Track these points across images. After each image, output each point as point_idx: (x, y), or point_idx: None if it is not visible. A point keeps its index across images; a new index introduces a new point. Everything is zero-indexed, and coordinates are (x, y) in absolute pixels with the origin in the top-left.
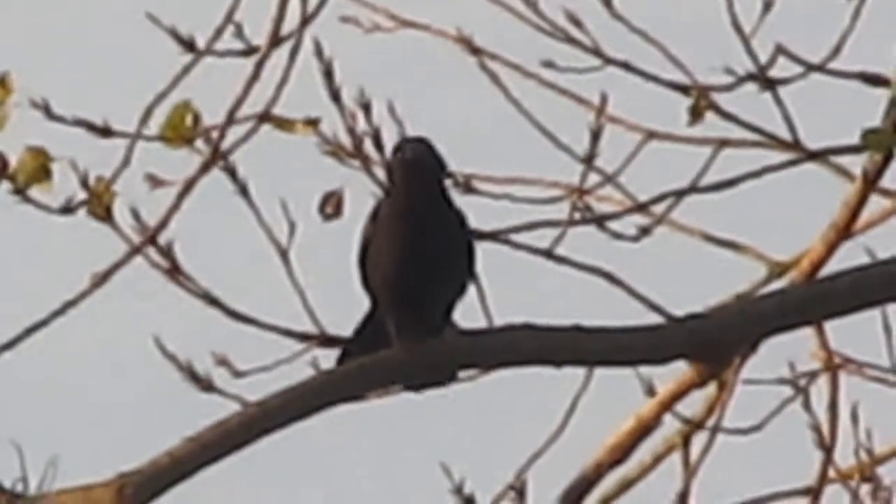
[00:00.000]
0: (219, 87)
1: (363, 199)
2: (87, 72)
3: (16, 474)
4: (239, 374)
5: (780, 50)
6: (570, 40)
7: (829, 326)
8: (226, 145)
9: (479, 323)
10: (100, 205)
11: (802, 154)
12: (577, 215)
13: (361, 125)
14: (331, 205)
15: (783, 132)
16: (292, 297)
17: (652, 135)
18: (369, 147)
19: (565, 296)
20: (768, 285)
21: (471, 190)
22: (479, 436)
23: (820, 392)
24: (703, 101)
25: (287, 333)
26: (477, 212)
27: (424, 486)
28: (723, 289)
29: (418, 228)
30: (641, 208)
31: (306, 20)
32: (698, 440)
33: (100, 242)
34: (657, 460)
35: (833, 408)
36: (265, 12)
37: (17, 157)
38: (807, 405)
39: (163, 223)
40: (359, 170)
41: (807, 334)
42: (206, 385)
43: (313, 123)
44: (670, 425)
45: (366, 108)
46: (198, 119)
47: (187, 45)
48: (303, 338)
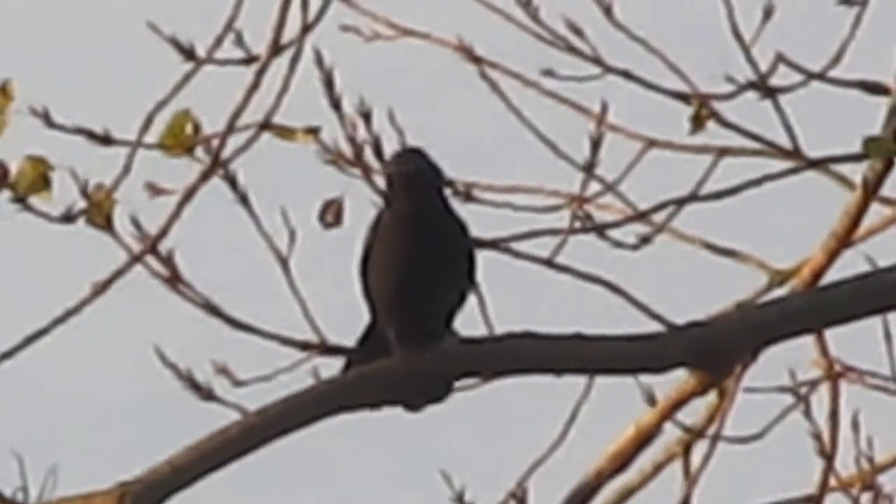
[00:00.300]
0: (219, 95)
1: (363, 207)
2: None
3: (16, 483)
4: (239, 383)
5: (781, 58)
6: (571, 49)
7: (829, 335)
8: (226, 154)
9: (480, 331)
10: (100, 213)
11: (803, 162)
12: (578, 224)
13: (362, 134)
14: (331, 213)
15: (783, 140)
16: (293, 305)
17: (652, 143)
18: (370, 155)
19: (566, 304)
20: (769, 294)
21: (471, 198)
22: (480, 444)
23: (821, 400)
24: (704, 109)
25: (287, 342)
26: (477, 220)
27: (425, 495)
28: (723, 297)
29: (418, 238)
30: (642, 217)
31: (307, 28)
32: (699, 449)
33: (100, 251)
34: (658, 469)
35: (834, 416)
36: (266, 21)
37: (17, 166)
38: (807, 413)
39: (163, 232)
40: (359, 178)
41: (807, 342)
42: (206, 394)
43: (313, 132)
44: (671, 434)
45: (366, 116)
46: (198, 127)
47: (187, 53)
48: (303, 346)
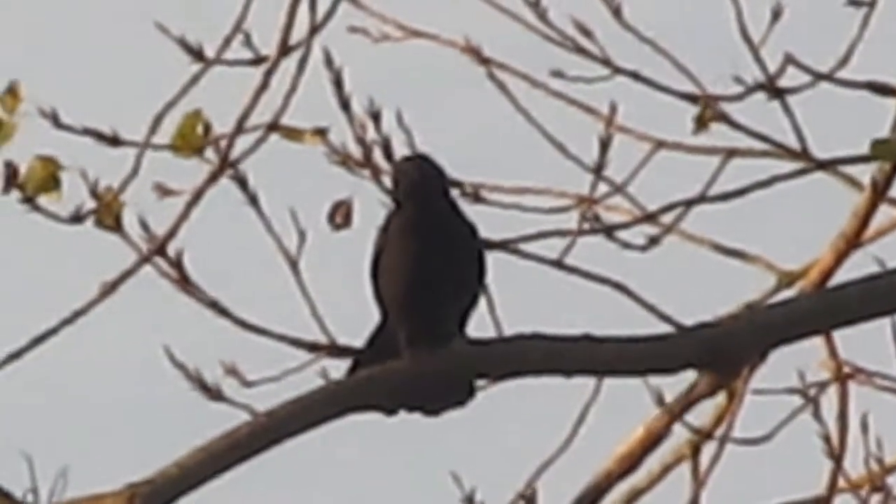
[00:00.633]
0: (227, 96)
1: (372, 208)
2: (95, 81)
3: (26, 485)
4: (248, 384)
5: (789, 59)
6: (580, 50)
7: (838, 336)
8: (235, 155)
9: (489, 332)
10: (109, 214)
11: (811, 163)
12: (587, 225)
13: (371, 134)
14: (340, 214)
15: (792, 142)
16: (302, 306)
17: (661, 144)
18: (379, 156)
19: (574, 305)
20: (777, 295)
21: (479, 200)
22: (490, 445)
23: (830, 402)
24: (709, 110)
25: (296, 343)
26: (486, 222)
27: (435, 496)
28: (732, 298)
29: (428, 240)
30: (650, 218)
31: (315, 29)
32: (707, 450)
33: (109, 252)
34: (666, 470)
35: (843, 417)
36: (274, 22)
37: (27, 166)
38: (817, 415)
39: (172, 232)
40: (368, 179)
41: (816, 344)
42: (215, 394)
43: (322, 133)
44: (679, 435)
45: (375, 117)
46: (207, 128)
47: (196, 54)
48: (312, 347)
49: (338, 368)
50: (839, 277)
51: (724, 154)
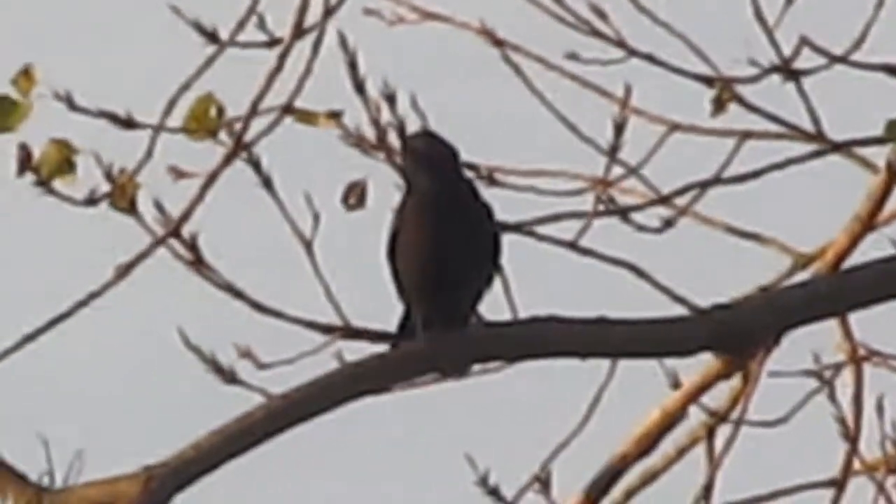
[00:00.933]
0: (242, 78)
1: (387, 190)
2: (109, 63)
3: (42, 467)
4: (263, 367)
5: (804, 41)
6: (594, 32)
7: (853, 318)
8: (249, 137)
9: (505, 315)
10: (123, 197)
11: (826, 145)
12: (601, 207)
13: (385, 117)
14: (354, 195)
15: (807, 124)
16: (316, 288)
17: (676, 127)
18: (393, 138)
19: (590, 288)
20: (793, 277)
21: (495, 182)
22: (504, 427)
23: (845, 384)
24: (726, 92)
25: (311, 325)
26: (501, 204)
27: (449, 478)
28: (747, 281)
29: (443, 220)
30: (665, 200)
31: (329, 12)
32: (723, 432)
33: (123, 234)
34: (681, 452)
35: (858, 400)
36: (288, 4)
37: (41, 150)
38: (832, 397)
39: (186, 215)
40: (382, 161)
41: (831, 326)
42: (230, 377)
43: (336, 116)
44: (695, 417)
45: (390, 99)
46: (221, 111)
47: (210, 36)
48: (327, 330)
49: (353, 350)
50: (854, 259)
51: (739, 136)
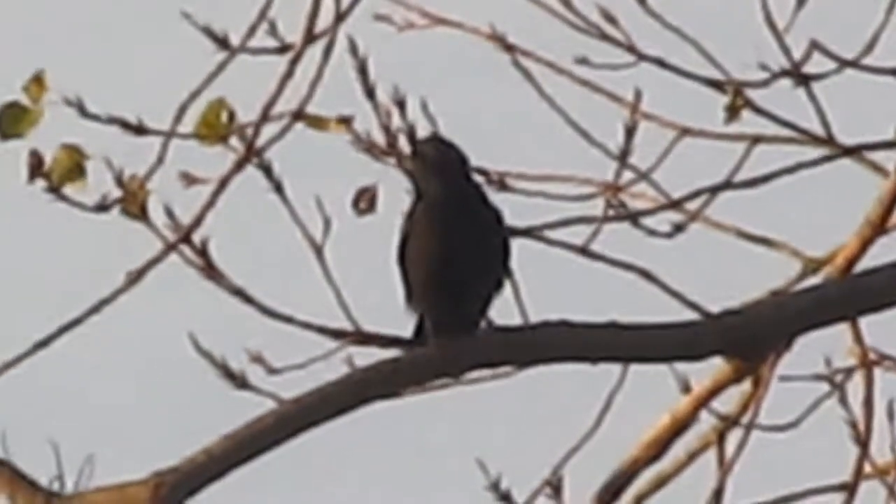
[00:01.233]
0: (253, 84)
1: (397, 196)
2: (121, 70)
3: (52, 473)
4: (274, 372)
5: (815, 46)
6: (604, 37)
7: (864, 322)
8: (260, 143)
9: (515, 319)
10: (134, 202)
11: (837, 150)
12: (612, 212)
13: (396, 122)
14: (364, 199)
15: (817, 128)
16: (327, 294)
17: (686, 131)
18: (403, 144)
19: (600, 292)
20: (803, 281)
21: (504, 187)
22: (515, 432)
23: (856, 388)
24: (739, 98)
25: (322, 331)
26: (511, 209)
27: (460, 483)
28: (757, 285)
29: (452, 225)
30: (675, 205)
31: (340, 17)
32: (733, 437)
33: (134, 240)
34: (692, 457)
35: (869, 404)
36: (299, 10)
37: (52, 155)
38: (843, 401)
39: (197, 221)
40: (393, 167)
41: (842, 330)
42: (240, 382)
43: (346, 121)
44: (705, 422)
45: (400, 105)
46: (232, 116)
47: (221, 42)
48: (338, 335)
49: (364, 356)
50: (865, 264)
51: (750, 141)
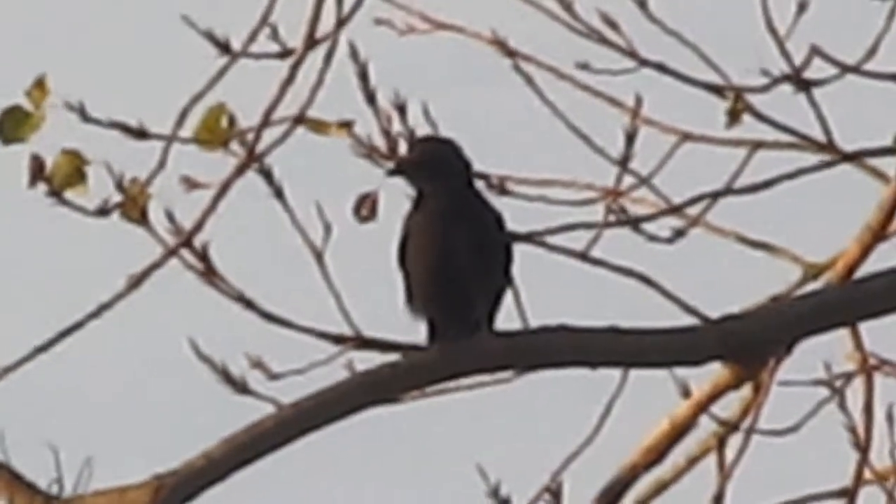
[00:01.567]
0: (254, 89)
1: (398, 200)
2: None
3: (51, 476)
4: (274, 377)
5: (815, 51)
6: (605, 42)
7: (864, 328)
8: (261, 147)
9: (515, 324)
10: (135, 207)
11: (837, 156)
12: (612, 217)
13: (396, 127)
14: (366, 206)
15: (818, 134)
16: (327, 299)
17: (687, 137)
18: (404, 149)
19: (600, 298)
20: (803, 287)
21: (505, 192)
22: (515, 438)
23: (855, 393)
24: (739, 103)
25: (322, 336)
26: (511, 214)
27: (460, 489)
28: (758, 290)
29: (452, 227)
30: (676, 210)
31: (341, 22)
32: (733, 442)
33: (135, 245)
34: (692, 462)
35: (868, 409)
36: (300, 15)
37: (53, 160)
38: (842, 406)
39: (198, 225)
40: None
41: (842, 336)
42: (241, 387)
43: (347, 126)
44: (705, 427)
45: (401, 109)
46: (233, 121)
47: (223, 47)
48: (338, 340)
49: (364, 360)
50: (865, 269)
51: (750, 146)
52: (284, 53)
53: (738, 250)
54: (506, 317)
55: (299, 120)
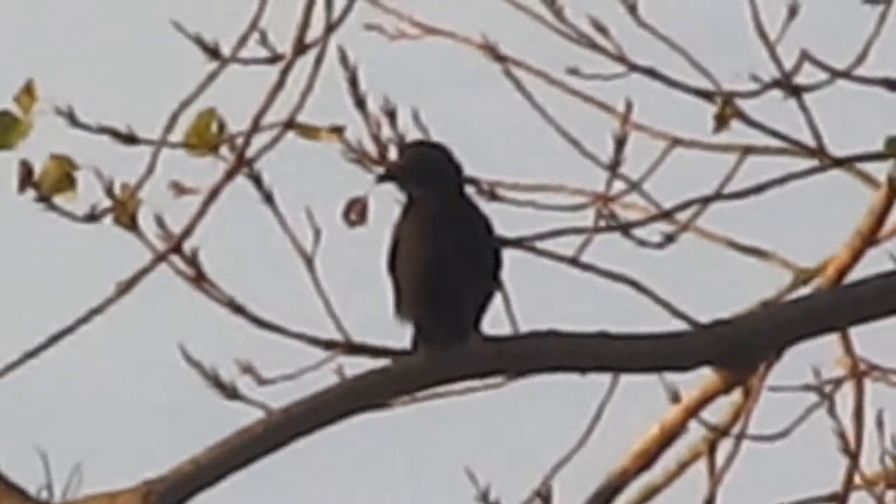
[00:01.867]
0: (243, 94)
1: (388, 206)
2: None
3: (41, 481)
4: (264, 382)
5: (806, 56)
6: (595, 47)
7: (854, 333)
8: (251, 153)
9: (504, 329)
10: (124, 212)
11: (827, 161)
12: (602, 222)
13: (386, 132)
14: (355, 211)
15: (808, 139)
16: (317, 304)
17: (677, 142)
18: (394, 154)
19: (590, 303)
20: (794, 292)
21: (496, 197)
22: (505, 442)
23: (845, 399)
24: (728, 108)
25: (312, 341)
26: (501, 219)
27: (450, 493)
28: (748, 296)
29: (441, 233)
30: (666, 215)
31: (331, 27)
32: (723, 447)
33: (124, 250)
34: (682, 467)
35: (858, 414)
36: (290, 20)
37: (42, 165)
38: (832, 412)
39: (187, 231)
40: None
41: (832, 341)
42: (230, 392)
43: (337, 131)
44: (695, 432)
45: (391, 114)
46: (223, 126)
47: (212, 52)
48: (328, 345)
49: (354, 366)
50: (855, 274)
51: (741, 151)
52: (274, 58)
53: (728, 255)
54: (496, 322)
55: (289, 125)
